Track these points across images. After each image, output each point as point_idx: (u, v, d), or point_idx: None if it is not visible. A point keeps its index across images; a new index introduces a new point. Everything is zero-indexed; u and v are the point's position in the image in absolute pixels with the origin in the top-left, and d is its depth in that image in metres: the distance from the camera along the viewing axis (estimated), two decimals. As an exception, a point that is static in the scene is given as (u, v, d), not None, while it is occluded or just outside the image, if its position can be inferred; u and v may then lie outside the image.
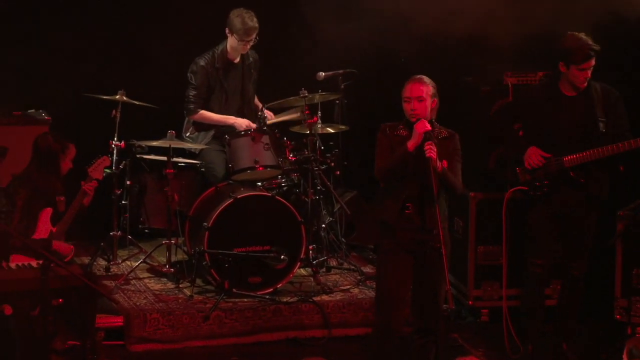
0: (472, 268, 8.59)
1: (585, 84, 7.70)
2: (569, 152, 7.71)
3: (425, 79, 7.06)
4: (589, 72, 7.67)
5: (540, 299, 7.94)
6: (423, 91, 6.97)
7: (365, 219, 9.49)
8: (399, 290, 7.04)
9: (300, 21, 9.48)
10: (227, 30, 8.97)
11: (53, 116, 9.14)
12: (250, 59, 9.21)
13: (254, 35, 8.92)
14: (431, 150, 6.85)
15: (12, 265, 7.11)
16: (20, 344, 6.79)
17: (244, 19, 8.87)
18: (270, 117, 9.17)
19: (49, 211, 7.78)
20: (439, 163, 6.91)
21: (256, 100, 9.34)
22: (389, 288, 7.04)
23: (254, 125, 8.89)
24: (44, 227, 7.75)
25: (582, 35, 7.67)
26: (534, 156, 7.74)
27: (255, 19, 8.89)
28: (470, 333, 8.42)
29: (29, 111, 9.24)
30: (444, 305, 7.45)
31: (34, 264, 6.99)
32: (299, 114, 9.11)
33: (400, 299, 7.04)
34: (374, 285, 8.64)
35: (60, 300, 6.88)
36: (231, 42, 9.00)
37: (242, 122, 8.97)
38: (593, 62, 7.63)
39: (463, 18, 8.88)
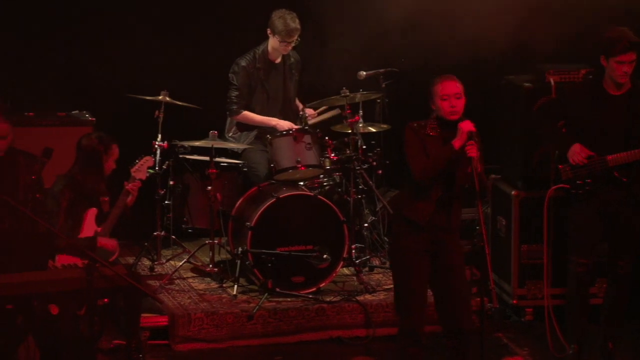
0: (516, 267, 8.55)
1: (625, 79, 7.62)
2: (612, 151, 7.65)
3: (454, 76, 7.01)
4: (629, 67, 7.57)
5: (584, 298, 7.87)
6: (459, 88, 6.91)
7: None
8: (422, 291, 6.94)
9: (341, 20, 9.48)
10: (268, 31, 8.98)
11: (97, 117, 9.20)
12: (292, 59, 9.22)
13: (295, 37, 8.93)
14: (473, 150, 6.81)
15: (58, 265, 7.17)
16: (67, 344, 6.84)
17: (286, 20, 8.88)
18: (312, 115, 9.18)
19: (93, 211, 7.81)
20: (479, 163, 6.86)
21: (296, 101, 9.35)
22: (413, 289, 6.91)
23: (295, 128, 8.89)
24: (89, 227, 7.78)
25: (624, 28, 7.62)
26: (578, 153, 7.69)
27: (297, 20, 8.90)
28: (515, 332, 8.38)
29: (73, 112, 9.30)
30: (488, 304, 7.43)
31: (79, 264, 7.04)
32: (338, 110, 9.10)
33: (424, 299, 6.96)
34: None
35: (106, 300, 6.92)
36: (273, 42, 9.01)
37: (284, 124, 8.98)
38: (633, 56, 7.55)
39: (505, 16, 8.86)
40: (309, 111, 9.18)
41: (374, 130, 9.28)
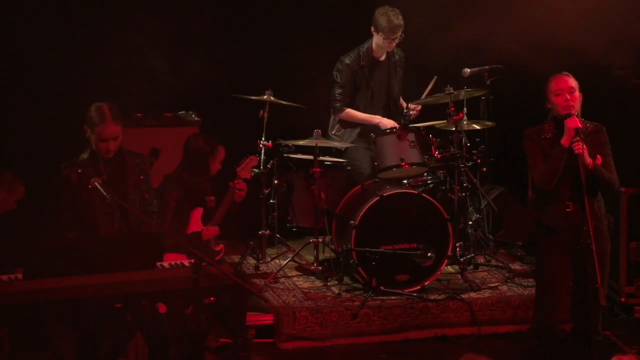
0: (624, 264, 8.42)
1: None
2: None
3: (567, 73, 6.92)
4: None
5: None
6: (572, 83, 6.85)
7: (513, 216, 9.39)
8: (562, 290, 6.90)
9: (446, 17, 9.43)
10: (372, 29, 9.00)
11: (202, 117, 9.32)
12: (396, 56, 9.21)
13: (399, 33, 8.92)
14: (579, 147, 6.72)
15: (165, 264, 7.27)
16: (175, 342, 6.94)
17: (389, 17, 8.88)
18: (417, 109, 9.14)
19: (199, 211, 7.91)
20: (589, 159, 6.77)
21: (401, 100, 9.34)
22: (553, 288, 6.89)
23: (399, 126, 8.88)
24: (196, 227, 7.88)
25: None
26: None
27: (400, 17, 8.90)
28: (624, 330, 8.25)
29: (180, 113, 9.44)
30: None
31: (186, 262, 7.12)
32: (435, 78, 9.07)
33: (563, 298, 6.91)
34: (523, 283, 8.58)
35: (212, 298, 7.00)
36: (376, 40, 9.02)
37: (387, 123, 8.98)
38: None
39: (610, 11, 8.73)
40: (414, 106, 9.15)
41: (478, 127, 9.22)
